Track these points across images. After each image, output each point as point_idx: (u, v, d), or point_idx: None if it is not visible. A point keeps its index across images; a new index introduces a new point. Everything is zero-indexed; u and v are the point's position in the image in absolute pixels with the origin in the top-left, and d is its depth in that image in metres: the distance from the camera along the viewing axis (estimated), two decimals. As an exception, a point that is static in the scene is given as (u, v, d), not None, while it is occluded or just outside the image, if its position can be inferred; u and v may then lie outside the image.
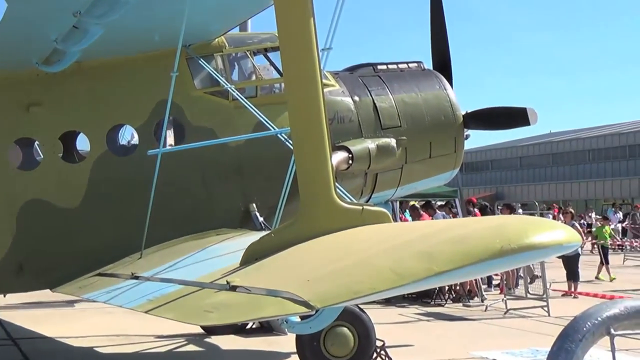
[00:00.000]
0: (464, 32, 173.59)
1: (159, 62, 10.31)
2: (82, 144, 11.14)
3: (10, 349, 12.92)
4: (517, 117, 13.18)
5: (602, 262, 24.79)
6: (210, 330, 13.42)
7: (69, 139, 10.97)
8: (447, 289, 18.45)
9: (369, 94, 12.09)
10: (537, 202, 25.51)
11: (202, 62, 10.78)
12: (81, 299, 10.75)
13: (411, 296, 18.18)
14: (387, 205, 12.91)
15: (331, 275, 6.01)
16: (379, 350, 10.41)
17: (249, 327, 13.77)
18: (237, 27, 11.97)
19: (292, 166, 8.48)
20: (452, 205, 23.95)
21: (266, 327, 13.74)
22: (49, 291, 10.75)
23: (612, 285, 22.87)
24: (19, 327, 14.83)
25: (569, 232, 6.02)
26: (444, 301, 18.30)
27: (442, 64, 13.32)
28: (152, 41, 10.16)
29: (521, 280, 18.98)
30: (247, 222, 10.73)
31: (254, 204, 10.84)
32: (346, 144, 11.29)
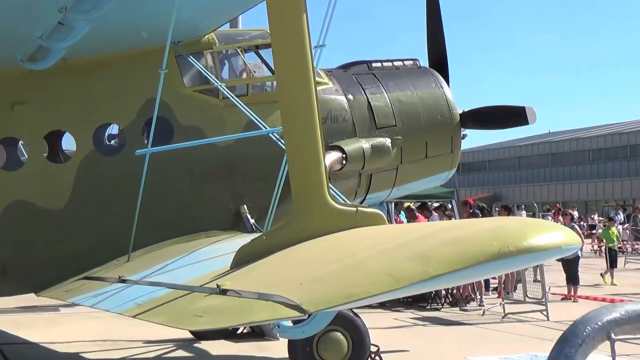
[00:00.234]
0: (462, 30, 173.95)
1: (147, 60, 10.29)
2: (68, 143, 11.11)
3: (-7, 354, 12.91)
4: (515, 116, 13.23)
5: (610, 266, 24.65)
6: (200, 335, 13.41)
7: (54, 139, 10.94)
8: (444, 293, 18.50)
9: (363, 93, 12.11)
10: (536, 204, 25.53)
11: (191, 59, 10.78)
12: (67, 303, 10.75)
13: (407, 300, 18.22)
14: (382, 206, 12.91)
15: (324, 278, 6.01)
16: (373, 355, 10.43)
17: (239, 332, 13.77)
18: (228, 24, 11.99)
19: (284, 167, 8.49)
20: (446, 207, 24.00)
21: (257, 332, 13.74)
22: (33, 295, 10.72)
23: (613, 288, 22.93)
24: (3, 332, 14.77)
25: (568, 234, 6.02)
26: (441, 305, 18.33)
27: (439, 62, 13.35)
28: (140, 38, 10.17)
29: (519, 283, 19.03)
30: (238, 224, 10.74)
31: (245, 206, 10.86)
32: (340, 143, 11.31)
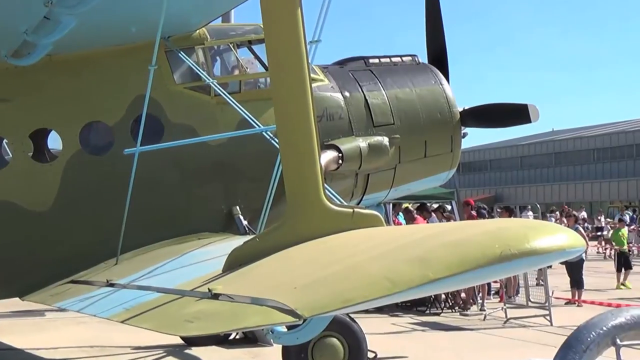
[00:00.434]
0: (462, 30, 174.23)
1: (136, 55, 10.26)
2: (54, 142, 11.09)
3: (-24, 361, 12.91)
4: (517, 114, 13.22)
5: (623, 268, 24.55)
6: (190, 341, 13.40)
7: (39, 137, 10.89)
8: (444, 297, 18.50)
9: (360, 90, 12.09)
10: (539, 204, 25.54)
11: (182, 55, 10.74)
12: (53, 307, 10.71)
13: (405, 304, 18.22)
14: (380, 207, 12.90)
15: (320, 282, 5.99)
16: (370, 362, 10.43)
17: (232, 337, 13.78)
18: (220, 18, 11.96)
19: (278, 166, 8.48)
20: (445, 209, 23.99)
21: (250, 338, 13.74)
22: (18, 299, 10.69)
23: (618, 293, 22.96)
24: (-14, 338, 14.79)
25: (572, 237, 6.01)
26: (440, 310, 18.33)
27: (438, 58, 13.34)
28: (129, 33, 10.12)
29: (522, 287, 19.04)
30: (230, 226, 10.71)
31: (238, 207, 10.82)
32: (336, 142, 11.30)
